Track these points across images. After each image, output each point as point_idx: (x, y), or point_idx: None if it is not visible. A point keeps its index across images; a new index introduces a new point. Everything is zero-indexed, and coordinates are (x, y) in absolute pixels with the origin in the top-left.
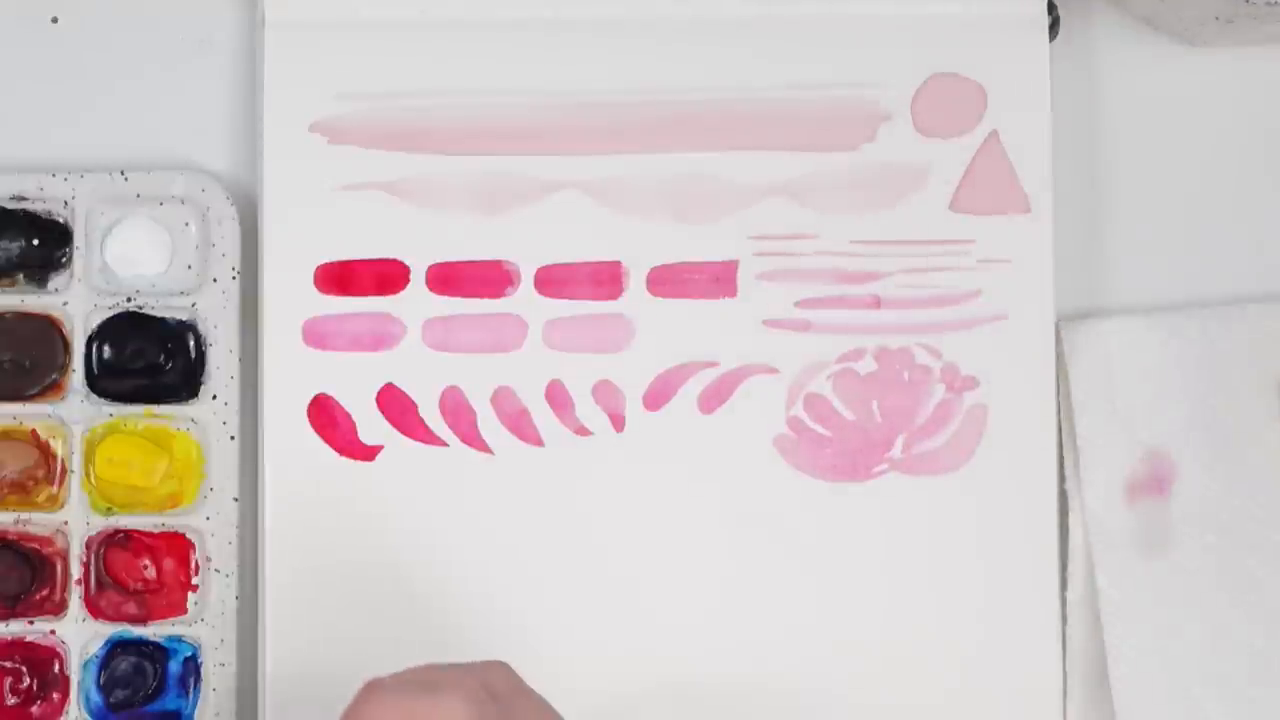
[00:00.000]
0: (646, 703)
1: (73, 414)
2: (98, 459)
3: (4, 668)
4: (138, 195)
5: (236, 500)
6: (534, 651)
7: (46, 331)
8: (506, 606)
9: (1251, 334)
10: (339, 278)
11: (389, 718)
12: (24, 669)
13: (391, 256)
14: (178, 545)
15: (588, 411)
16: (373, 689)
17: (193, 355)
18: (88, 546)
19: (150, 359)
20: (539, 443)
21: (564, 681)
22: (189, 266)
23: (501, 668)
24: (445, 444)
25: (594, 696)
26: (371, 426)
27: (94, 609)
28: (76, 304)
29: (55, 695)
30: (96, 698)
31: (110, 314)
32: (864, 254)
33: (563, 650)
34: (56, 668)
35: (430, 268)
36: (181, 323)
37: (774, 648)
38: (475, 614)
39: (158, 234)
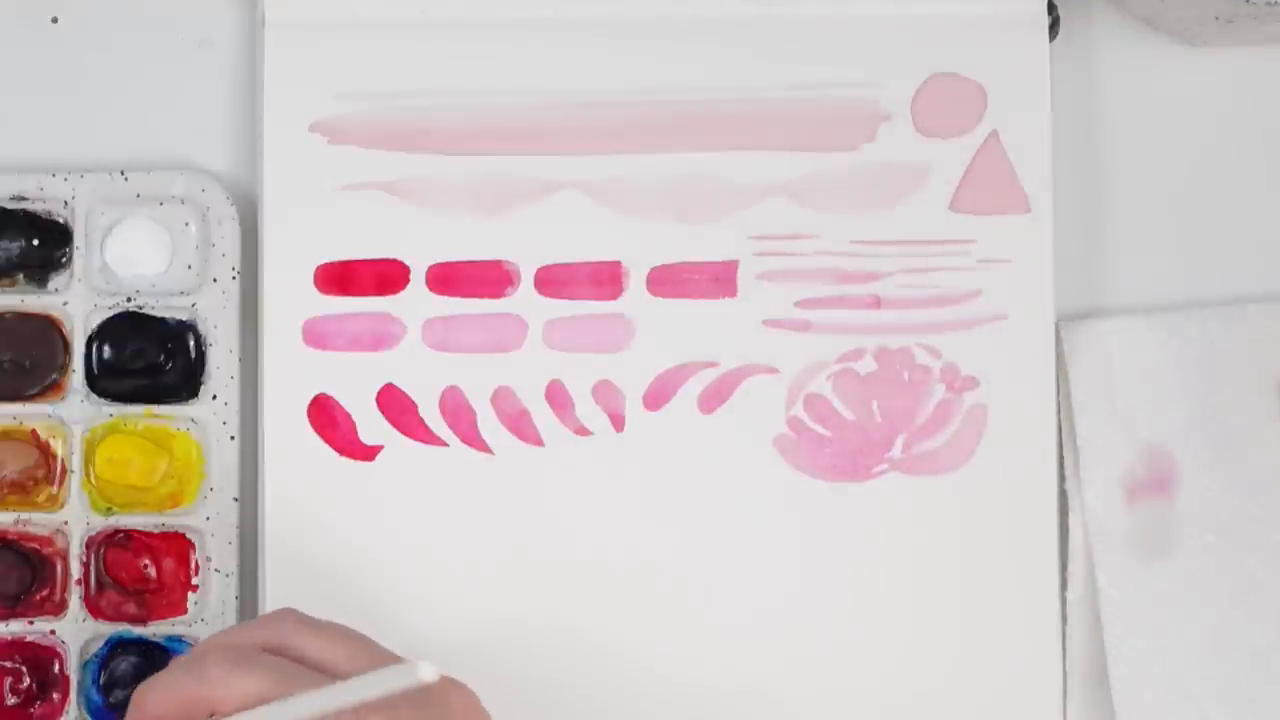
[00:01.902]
0: (648, 704)
1: (73, 414)
2: (98, 459)
3: (4, 668)
4: (138, 195)
5: (236, 500)
6: (535, 653)
7: (46, 331)
8: (507, 607)
9: (1251, 334)
10: (339, 278)
11: (162, 708)
12: (24, 669)
13: (391, 256)
14: (178, 545)
15: (588, 411)
16: (136, 695)
17: (193, 355)
18: (88, 546)
19: (150, 359)
20: (539, 443)
21: (561, 681)
22: (189, 266)
23: (286, 615)
24: (445, 444)
25: (595, 697)
26: (371, 426)
27: (94, 609)
28: (76, 304)
29: (55, 695)
30: (96, 698)
31: (110, 314)
32: (864, 254)
33: (563, 650)
34: (56, 668)
35: (430, 268)
36: (181, 323)
37: (773, 648)
38: (475, 614)
39: (158, 234)
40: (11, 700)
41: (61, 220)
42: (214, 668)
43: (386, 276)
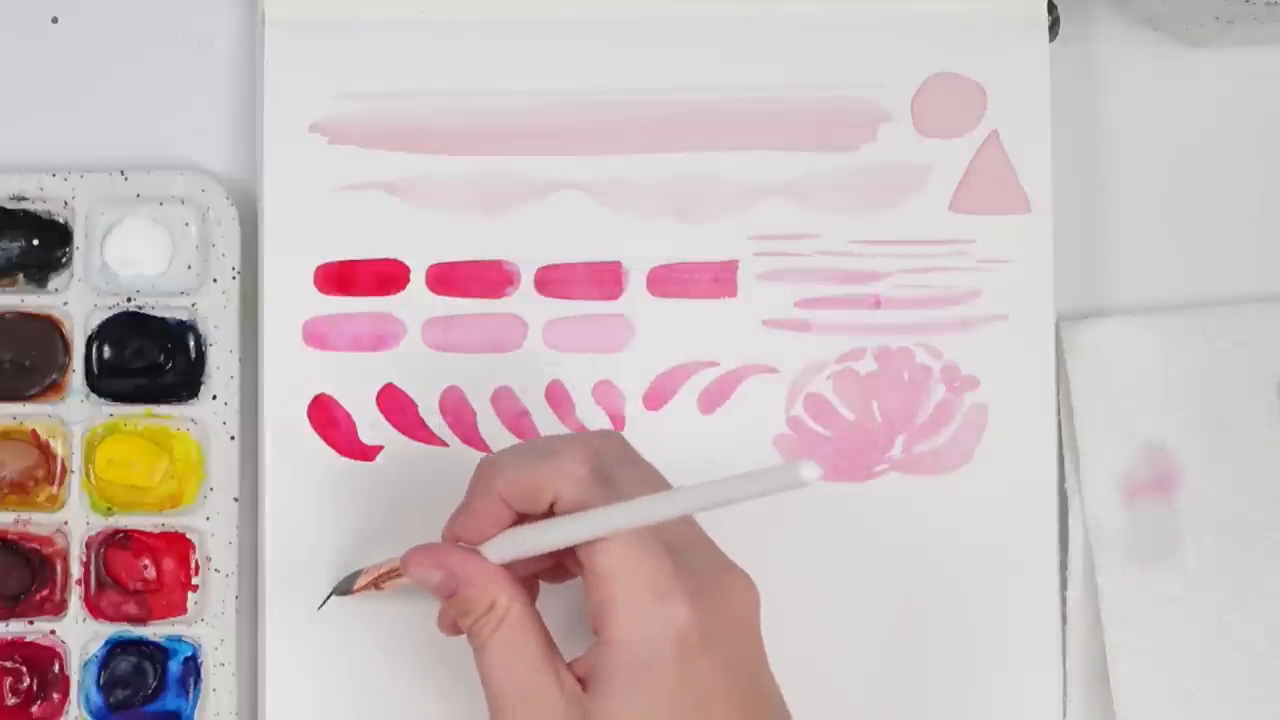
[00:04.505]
0: None
1: (73, 414)
2: (98, 459)
3: (4, 668)
4: (138, 195)
5: (236, 500)
6: None
7: (46, 331)
8: None
9: (1251, 334)
10: (339, 278)
11: (511, 486)
12: (24, 669)
13: (391, 256)
14: (178, 545)
15: (588, 411)
16: (486, 465)
17: (193, 355)
18: (88, 546)
19: (150, 359)
20: None
21: None
22: (189, 266)
23: (614, 435)
24: (445, 444)
25: None
26: (371, 426)
27: (94, 609)
28: (76, 304)
29: (55, 695)
30: (96, 698)
31: (110, 314)
32: (864, 254)
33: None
34: (56, 668)
35: (430, 268)
36: (181, 323)
37: (771, 647)
38: None
39: (158, 234)
40: (11, 700)
41: (61, 220)
42: (568, 458)
43: (386, 276)
